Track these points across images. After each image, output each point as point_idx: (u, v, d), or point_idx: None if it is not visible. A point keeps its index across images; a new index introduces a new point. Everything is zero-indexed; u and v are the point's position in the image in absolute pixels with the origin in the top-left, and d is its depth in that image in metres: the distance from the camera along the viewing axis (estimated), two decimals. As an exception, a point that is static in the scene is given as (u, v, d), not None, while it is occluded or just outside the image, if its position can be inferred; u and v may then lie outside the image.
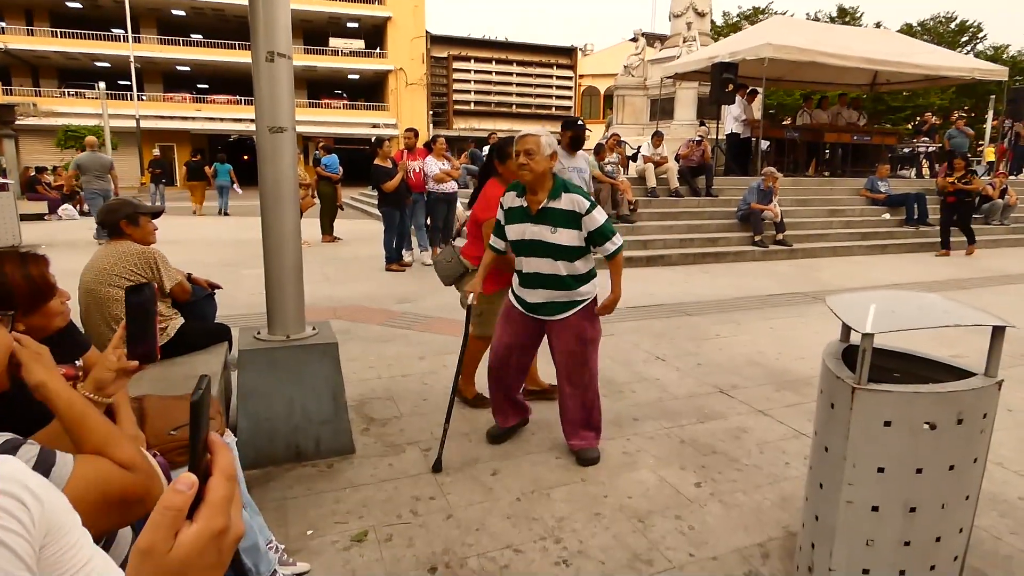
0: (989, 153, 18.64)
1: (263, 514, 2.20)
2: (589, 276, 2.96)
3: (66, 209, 14.67)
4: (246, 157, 34.33)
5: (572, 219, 2.82)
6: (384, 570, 2.23)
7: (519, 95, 35.39)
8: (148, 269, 2.94)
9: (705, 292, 6.95)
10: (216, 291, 3.73)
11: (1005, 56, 28.01)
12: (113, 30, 28.63)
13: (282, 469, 2.90)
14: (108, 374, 1.31)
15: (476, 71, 34.55)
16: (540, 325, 3.04)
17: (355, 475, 2.88)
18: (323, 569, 2.24)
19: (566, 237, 2.82)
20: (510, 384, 3.20)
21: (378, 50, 32.34)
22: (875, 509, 1.66)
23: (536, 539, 2.41)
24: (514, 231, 2.92)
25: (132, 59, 25.82)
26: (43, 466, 1.02)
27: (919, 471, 1.62)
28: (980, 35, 30.78)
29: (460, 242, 3.79)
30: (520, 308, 3.04)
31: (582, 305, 2.95)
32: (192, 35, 30.83)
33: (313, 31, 31.42)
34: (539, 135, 2.83)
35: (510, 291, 3.12)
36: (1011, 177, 13.16)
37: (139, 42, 27.96)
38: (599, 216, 2.84)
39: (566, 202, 2.82)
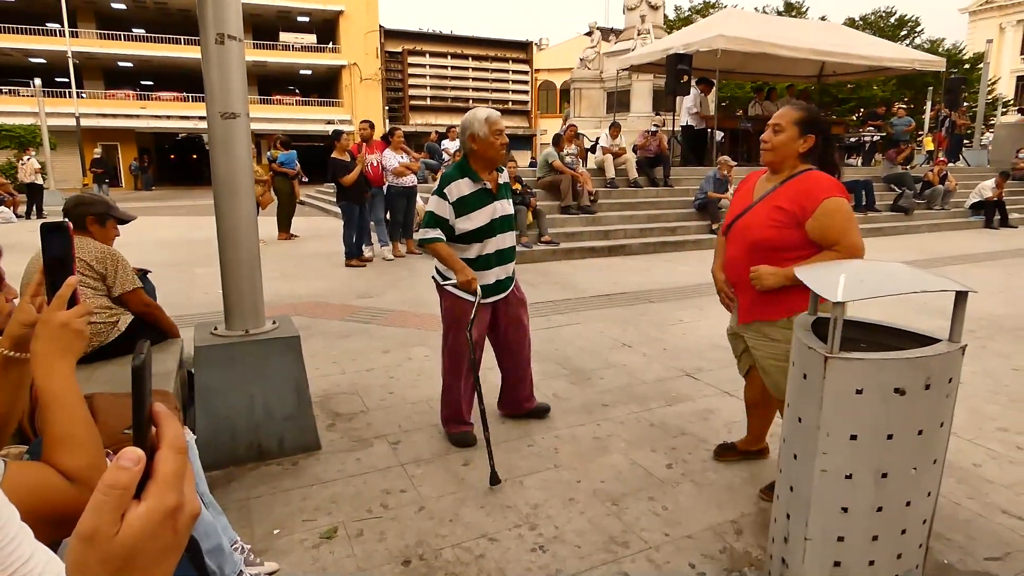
0: (928, 142, 19.36)
1: (227, 514, 2.11)
2: None
3: (2, 212, 13.92)
4: (195, 156, 33.30)
5: (510, 190, 3.08)
6: (356, 566, 2.16)
7: (475, 89, 35.11)
8: (103, 267, 2.79)
9: (667, 279, 7.02)
10: (147, 273, 3.68)
11: (941, 49, 29.17)
12: (48, 24, 27.22)
13: (245, 469, 2.79)
14: (24, 329, 1.11)
15: (431, 66, 34.11)
16: (491, 311, 3.06)
17: (322, 471, 2.79)
18: (292, 568, 2.15)
19: (512, 207, 3.04)
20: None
21: (331, 45, 31.65)
22: (848, 477, 1.68)
23: (511, 527, 2.38)
24: (483, 215, 2.85)
25: (70, 54, 24.64)
26: None
27: (890, 437, 1.64)
28: (918, 29, 32.02)
29: None
30: (478, 299, 2.84)
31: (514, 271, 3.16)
32: (134, 29, 29.60)
33: (263, 26, 30.55)
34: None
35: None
36: (950, 164, 13.74)
37: (76, 37, 26.69)
38: None
39: (504, 176, 3.03)
